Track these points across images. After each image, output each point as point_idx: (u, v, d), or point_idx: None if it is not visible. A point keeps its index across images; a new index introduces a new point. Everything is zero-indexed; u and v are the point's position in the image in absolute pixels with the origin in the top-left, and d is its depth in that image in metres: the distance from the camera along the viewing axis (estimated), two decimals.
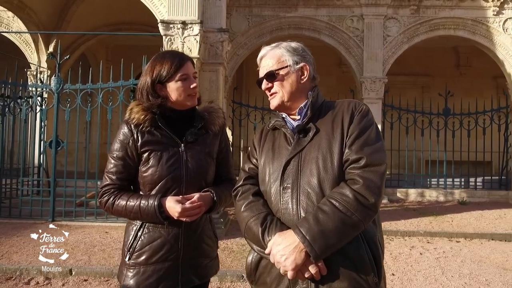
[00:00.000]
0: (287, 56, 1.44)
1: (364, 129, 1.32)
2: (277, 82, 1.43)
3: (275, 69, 1.42)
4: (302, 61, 1.45)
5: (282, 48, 1.46)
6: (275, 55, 1.45)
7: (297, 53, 1.46)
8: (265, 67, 1.45)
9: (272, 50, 1.47)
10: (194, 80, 1.62)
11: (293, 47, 1.47)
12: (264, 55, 1.48)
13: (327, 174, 1.30)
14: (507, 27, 8.80)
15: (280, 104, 1.44)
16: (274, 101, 1.45)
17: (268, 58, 1.46)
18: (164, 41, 5.47)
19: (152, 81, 1.58)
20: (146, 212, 1.51)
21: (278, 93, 1.43)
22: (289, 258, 1.21)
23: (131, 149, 1.58)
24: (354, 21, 8.97)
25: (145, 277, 1.54)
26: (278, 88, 1.43)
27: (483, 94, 11.08)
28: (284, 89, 1.42)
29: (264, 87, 1.46)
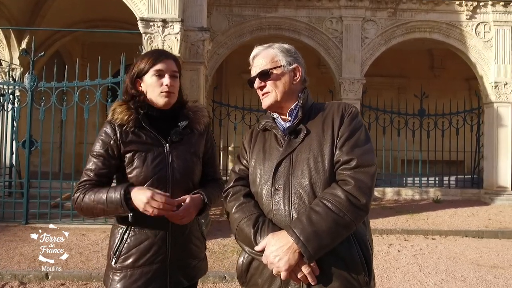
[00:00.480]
0: (280, 56, 1.44)
1: (354, 130, 1.34)
2: (270, 81, 1.42)
3: (269, 68, 1.42)
4: (295, 63, 1.46)
5: (275, 48, 1.46)
6: (268, 55, 1.44)
7: (290, 55, 1.46)
8: (258, 66, 1.44)
9: (265, 50, 1.46)
10: (169, 78, 1.56)
11: (286, 48, 1.47)
12: (257, 54, 1.46)
13: (318, 175, 1.31)
14: (479, 31, 9.13)
15: (272, 104, 1.43)
16: (267, 100, 1.44)
17: (262, 57, 1.44)
18: (144, 39, 5.38)
19: (132, 75, 1.59)
20: (112, 202, 1.43)
21: (271, 92, 1.42)
22: (282, 258, 1.21)
23: (112, 147, 1.54)
24: (333, 23, 9.09)
25: (133, 281, 1.50)
26: (271, 88, 1.42)
27: (456, 96, 11.44)
28: (277, 88, 1.42)
29: (257, 86, 1.44)
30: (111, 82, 5.94)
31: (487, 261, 4.76)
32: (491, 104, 9.18)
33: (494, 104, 9.12)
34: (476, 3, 8.97)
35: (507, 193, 8.92)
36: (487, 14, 9.07)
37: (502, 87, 9.05)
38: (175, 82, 1.58)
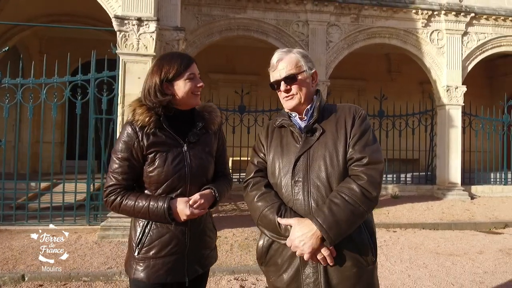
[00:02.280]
0: (302, 61, 1.59)
1: (364, 131, 1.53)
2: (295, 85, 1.57)
3: (295, 73, 1.56)
4: (313, 68, 1.63)
5: (296, 53, 1.61)
6: (292, 60, 1.58)
7: (309, 60, 1.63)
8: (283, 70, 1.57)
9: (287, 54, 1.60)
10: (200, 80, 1.69)
11: (305, 54, 1.63)
12: (281, 58, 1.59)
13: (333, 169, 1.49)
14: (433, 38, 9.82)
15: (296, 106, 1.59)
16: (291, 102, 1.58)
17: (286, 62, 1.58)
18: (118, 37, 5.32)
19: (161, 80, 1.62)
20: (155, 213, 1.57)
21: (296, 95, 1.57)
22: (307, 243, 1.38)
23: (136, 151, 1.62)
24: (299, 26, 9.39)
25: (155, 270, 1.60)
26: (296, 91, 1.57)
27: (411, 98, 12.20)
28: (302, 92, 1.57)
29: (284, 89, 1.57)
30: (81, 80, 5.81)
31: (444, 250, 5.21)
32: (443, 106, 9.91)
33: (446, 106, 9.86)
34: (430, 12, 9.64)
35: (457, 188, 9.69)
36: (440, 22, 9.78)
37: (453, 91, 9.81)
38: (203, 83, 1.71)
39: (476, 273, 4.22)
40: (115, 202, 1.61)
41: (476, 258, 4.81)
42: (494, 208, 8.47)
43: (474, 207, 8.55)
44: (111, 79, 5.80)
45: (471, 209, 8.21)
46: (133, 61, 5.34)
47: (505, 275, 4.15)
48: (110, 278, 3.86)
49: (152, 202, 1.58)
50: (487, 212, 7.93)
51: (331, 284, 1.44)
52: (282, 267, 1.51)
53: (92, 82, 5.76)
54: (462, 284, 3.87)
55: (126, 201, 1.60)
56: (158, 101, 1.62)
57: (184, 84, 1.64)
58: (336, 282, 1.44)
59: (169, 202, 1.58)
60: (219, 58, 12.61)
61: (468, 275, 4.13)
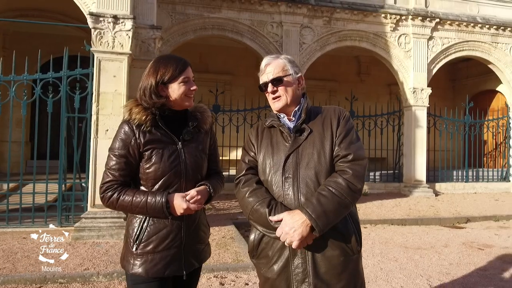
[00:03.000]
0: (289, 66, 1.71)
1: (348, 131, 1.65)
2: (281, 87, 1.68)
3: (281, 76, 1.67)
4: (299, 73, 1.74)
5: (283, 59, 1.73)
6: (279, 64, 1.70)
7: (295, 65, 1.74)
8: (271, 73, 1.69)
9: (275, 59, 1.72)
10: (194, 84, 1.75)
11: (291, 60, 1.75)
12: (269, 63, 1.71)
13: (321, 166, 1.60)
14: (401, 42, 10.24)
15: (283, 107, 1.70)
16: (278, 104, 1.69)
17: (273, 66, 1.69)
18: (93, 35, 5.21)
19: (156, 82, 1.67)
20: (153, 208, 1.61)
21: (282, 97, 1.68)
22: (297, 230, 1.48)
23: (133, 148, 1.66)
24: (274, 27, 9.52)
25: (153, 264, 1.65)
26: (283, 93, 1.68)
27: (379, 99, 12.67)
28: (287, 93, 1.68)
29: (271, 90, 1.68)
30: (53, 77, 5.65)
31: (412, 244, 5.48)
32: (410, 107, 10.35)
33: (413, 107, 10.30)
34: (398, 17, 10.05)
35: (422, 186, 10.15)
36: (408, 27, 10.21)
37: (419, 92, 10.26)
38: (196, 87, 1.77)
39: (442, 265, 4.48)
40: (112, 197, 1.64)
41: (442, 251, 5.10)
42: (456, 204, 8.95)
43: (438, 203, 9.00)
44: (84, 77, 5.68)
45: (435, 205, 8.64)
46: (108, 59, 5.26)
47: (469, 266, 4.44)
48: (87, 279, 3.81)
49: (150, 197, 1.62)
50: (450, 208, 8.38)
51: (319, 272, 1.54)
52: (272, 258, 1.60)
53: (64, 80, 5.62)
54: (430, 275, 4.10)
55: (123, 196, 1.64)
56: (153, 103, 1.68)
57: (178, 87, 1.70)
58: (324, 270, 1.54)
59: (167, 196, 1.63)
60: (192, 57, 12.47)
61: (435, 267, 4.38)
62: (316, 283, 1.53)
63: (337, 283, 1.54)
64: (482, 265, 4.50)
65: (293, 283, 1.56)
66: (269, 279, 1.61)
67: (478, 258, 4.78)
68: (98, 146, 5.22)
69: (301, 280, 1.55)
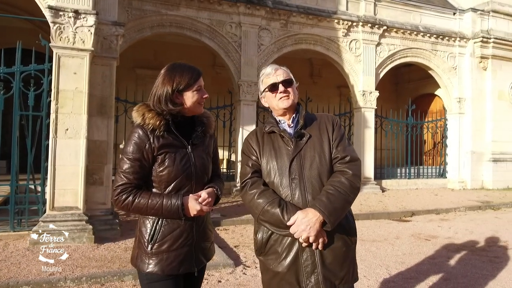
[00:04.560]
0: (291, 75, 1.90)
1: (342, 135, 1.86)
2: (291, 88, 1.86)
3: (291, 78, 1.87)
4: (297, 83, 1.93)
5: (286, 69, 1.92)
6: (286, 71, 1.90)
7: (292, 76, 1.91)
8: (281, 75, 1.86)
9: (280, 67, 1.91)
10: (205, 91, 1.84)
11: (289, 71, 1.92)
12: (278, 68, 1.90)
13: (322, 167, 1.77)
14: (352, 47, 10.81)
15: (290, 106, 1.85)
16: (287, 102, 1.84)
17: (282, 71, 1.88)
18: (52, 29, 4.96)
19: (172, 90, 1.73)
20: (169, 209, 1.68)
21: (291, 96, 1.85)
22: (313, 227, 1.65)
23: (147, 152, 1.71)
24: (233, 27, 9.61)
25: (169, 263, 1.71)
26: (291, 93, 1.85)
27: (330, 101, 13.24)
28: (294, 95, 1.87)
29: (282, 89, 1.84)
30: (4, 73, 5.29)
31: (367, 237, 5.88)
32: (360, 109, 10.98)
33: (362, 109, 10.94)
34: (350, 23, 10.60)
35: (371, 182, 10.82)
36: (358, 33, 10.81)
37: (368, 95, 10.92)
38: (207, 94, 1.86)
39: (397, 255, 4.88)
40: (127, 200, 1.68)
41: (394, 242, 5.54)
42: (401, 199, 9.67)
43: (385, 199, 9.66)
44: (39, 73, 5.39)
45: (383, 201, 9.27)
46: (69, 55, 5.03)
47: (420, 255, 4.88)
48: (54, 285, 3.67)
49: (165, 199, 1.69)
50: (397, 203, 9.04)
51: (325, 262, 1.72)
52: (282, 254, 1.74)
53: (17, 76, 5.28)
54: (388, 265, 4.47)
55: (139, 199, 1.68)
56: (169, 110, 1.74)
57: (193, 95, 1.78)
58: (330, 261, 1.72)
59: (182, 199, 1.70)
60: (146, 53, 12.24)
61: (391, 257, 4.77)
62: (324, 272, 1.70)
63: (340, 271, 1.74)
64: (431, 254, 4.97)
65: (304, 275, 1.71)
66: (279, 273, 1.74)
67: (427, 248, 5.27)
68: (58, 146, 4.99)
69: (310, 271, 1.71)
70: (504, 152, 12.20)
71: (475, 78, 12.08)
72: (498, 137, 12.13)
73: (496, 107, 12.19)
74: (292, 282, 1.73)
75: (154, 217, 1.73)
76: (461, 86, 12.14)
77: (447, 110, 12.48)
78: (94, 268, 4.09)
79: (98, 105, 5.51)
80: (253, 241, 1.88)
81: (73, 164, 5.04)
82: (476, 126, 12.05)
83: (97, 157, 5.51)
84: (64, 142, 5.01)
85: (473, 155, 11.95)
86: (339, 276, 1.74)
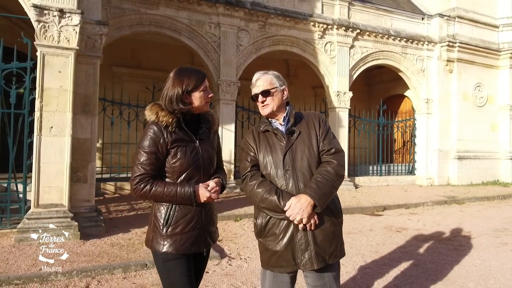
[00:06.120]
0: (275, 80, 2.14)
1: (328, 130, 2.13)
2: (269, 97, 2.10)
3: (269, 89, 2.09)
4: (284, 85, 2.17)
5: (271, 74, 2.15)
6: (267, 79, 2.12)
7: (280, 79, 2.17)
8: (260, 86, 2.11)
9: (264, 75, 2.14)
10: (210, 91, 2.06)
11: (277, 75, 2.18)
12: (259, 78, 2.14)
13: (312, 159, 2.05)
14: (327, 49, 11.20)
15: (270, 113, 2.12)
16: (266, 110, 2.11)
17: (262, 80, 2.12)
18: (36, 28, 4.97)
19: (182, 91, 1.95)
20: (182, 196, 1.90)
21: (270, 105, 2.10)
22: (305, 210, 1.91)
23: (162, 146, 1.92)
24: (212, 28, 9.76)
25: (182, 243, 1.93)
26: (270, 101, 2.10)
27: (305, 101, 13.59)
28: (274, 102, 2.11)
29: (261, 100, 2.10)
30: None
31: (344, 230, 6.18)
32: (334, 108, 11.39)
33: (336, 109, 11.36)
34: (325, 26, 10.98)
35: (345, 180, 11.21)
36: (333, 35, 11.21)
37: (342, 95, 11.34)
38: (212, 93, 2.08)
39: (371, 245, 5.24)
40: (145, 189, 1.89)
41: (368, 234, 5.91)
42: (374, 195, 10.15)
43: (359, 195, 10.11)
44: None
45: (357, 197, 9.70)
46: (54, 53, 5.07)
47: (392, 245, 5.25)
48: (45, 279, 3.75)
49: (179, 187, 1.91)
50: (369, 199, 9.49)
51: (317, 241, 1.99)
52: (279, 235, 2.01)
53: None
54: (363, 253, 4.80)
55: (156, 187, 1.89)
56: (180, 109, 1.96)
57: (200, 95, 2.00)
58: (321, 239, 2.00)
59: (194, 187, 1.92)
60: (123, 51, 12.19)
61: (366, 247, 5.12)
62: (316, 249, 1.98)
63: (329, 247, 2.02)
64: (402, 244, 5.36)
65: (299, 252, 1.99)
66: (278, 252, 2.01)
67: (398, 238, 5.66)
68: (42, 144, 5.02)
69: (304, 249, 1.98)
70: (468, 150, 12.98)
71: (442, 80, 12.79)
72: (462, 136, 12.89)
73: (461, 108, 12.95)
74: (289, 259, 2.00)
75: (168, 204, 1.94)
76: (429, 87, 12.81)
77: (416, 110, 13.12)
78: (83, 262, 4.19)
79: (82, 103, 5.56)
80: (253, 225, 2.13)
81: (58, 162, 5.09)
82: (442, 125, 12.76)
83: (81, 155, 5.56)
84: (49, 139, 5.05)
85: (439, 153, 12.64)
86: (329, 252, 2.01)
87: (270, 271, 2.10)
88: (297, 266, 2.01)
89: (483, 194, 10.73)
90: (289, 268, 2.03)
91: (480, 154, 13.22)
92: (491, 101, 13.67)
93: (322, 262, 1.99)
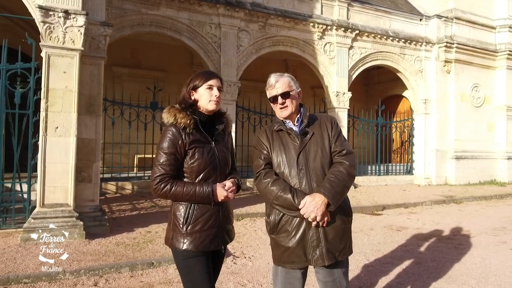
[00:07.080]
0: (292, 82, 2.20)
1: (339, 132, 2.21)
2: (288, 99, 2.16)
3: (288, 91, 2.15)
4: (299, 88, 2.25)
5: (287, 77, 2.22)
6: (285, 81, 2.18)
7: (295, 82, 2.24)
8: (280, 88, 2.16)
9: (281, 77, 2.20)
10: (216, 91, 2.10)
11: (292, 77, 2.24)
12: (277, 80, 2.19)
13: (324, 159, 2.12)
14: (326, 49, 11.28)
15: (289, 115, 2.17)
16: (286, 112, 2.17)
17: (281, 82, 2.17)
18: (42, 29, 5.01)
19: (189, 88, 2.07)
20: (201, 195, 1.96)
21: (289, 107, 2.16)
22: (319, 208, 1.98)
23: (180, 147, 1.99)
24: (212, 28, 9.81)
25: (201, 241, 1.99)
26: (289, 104, 2.16)
27: (304, 101, 13.36)
28: (292, 104, 2.17)
29: (280, 102, 2.15)
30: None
31: None
32: (334, 108, 11.47)
33: (336, 109, 11.43)
34: (325, 26, 11.06)
35: None
36: (332, 36, 11.29)
37: (341, 96, 11.43)
38: (220, 94, 2.11)
39: (373, 244, 5.32)
40: (166, 188, 1.95)
41: (369, 233, 5.99)
42: (373, 194, 10.24)
43: (358, 194, 10.19)
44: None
45: (356, 196, 9.78)
46: (59, 54, 5.11)
47: (393, 244, 5.34)
48: (53, 278, 3.80)
49: (198, 187, 1.97)
50: (369, 198, 9.58)
51: (328, 238, 2.07)
52: (292, 232, 2.09)
53: (4, 74, 5.29)
54: (365, 252, 4.88)
55: (175, 187, 1.96)
56: (186, 104, 2.05)
57: (203, 92, 2.08)
58: (331, 236, 2.08)
59: (212, 186, 1.99)
60: (122, 51, 12.19)
61: (367, 246, 5.20)
62: (327, 246, 2.06)
63: (339, 244, 2.10)
64: (403, 242, 5.44)
65: (310, 248, 2.06)
66: (290, 248, 2.09)
67: (398, 237, 5.74)
68: (48, 144, 5.06)
69: (316, 245, 2.06)
70: (465, 150, 13.11)
71: (440, 80, 12.90)
72: (460, 136, 13.02)
73: (459, 108, 13.07)
74: (300, 255, 2.08)
75: (187, 203, 2.00)
76: (426, 88, 12.92)
77: (414, 110, 13.23)
78: (90, 261, 4.24)
79: (86, 103, 5.60)
80: (265, 222, 2.21)
81: (63, 162, 5.13)
82: (440, 125, 12.88)
83: (85, 155, 5.60)
84: (54, 140, 5.09)
85: (437, 153, 12.76)
86: (339, 249, 2.09)
87: (282, 268, 2.17)
88: (308, 262, 2.09)
89: (480, 193, 10.85)
90: (300, 264, 2.10)
91: (477, 154, 13.36)
92: (488, 101, 13.80)
93: (332, 258, 2.07)
